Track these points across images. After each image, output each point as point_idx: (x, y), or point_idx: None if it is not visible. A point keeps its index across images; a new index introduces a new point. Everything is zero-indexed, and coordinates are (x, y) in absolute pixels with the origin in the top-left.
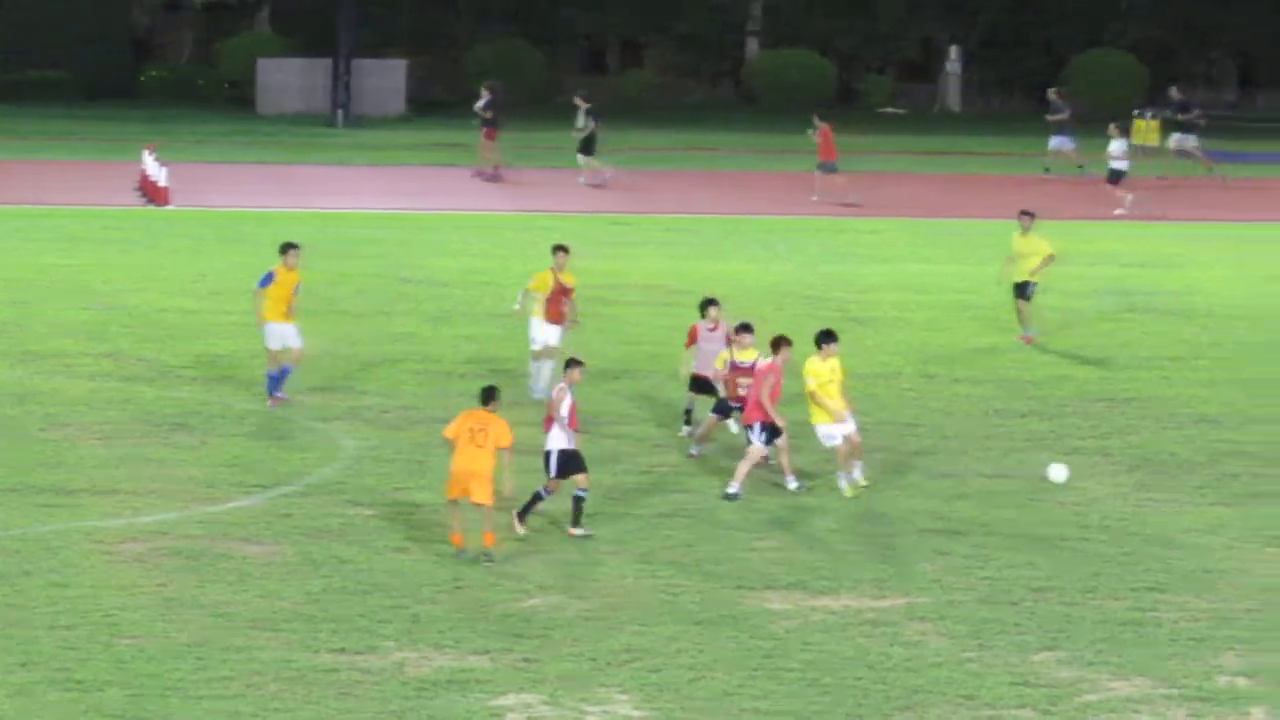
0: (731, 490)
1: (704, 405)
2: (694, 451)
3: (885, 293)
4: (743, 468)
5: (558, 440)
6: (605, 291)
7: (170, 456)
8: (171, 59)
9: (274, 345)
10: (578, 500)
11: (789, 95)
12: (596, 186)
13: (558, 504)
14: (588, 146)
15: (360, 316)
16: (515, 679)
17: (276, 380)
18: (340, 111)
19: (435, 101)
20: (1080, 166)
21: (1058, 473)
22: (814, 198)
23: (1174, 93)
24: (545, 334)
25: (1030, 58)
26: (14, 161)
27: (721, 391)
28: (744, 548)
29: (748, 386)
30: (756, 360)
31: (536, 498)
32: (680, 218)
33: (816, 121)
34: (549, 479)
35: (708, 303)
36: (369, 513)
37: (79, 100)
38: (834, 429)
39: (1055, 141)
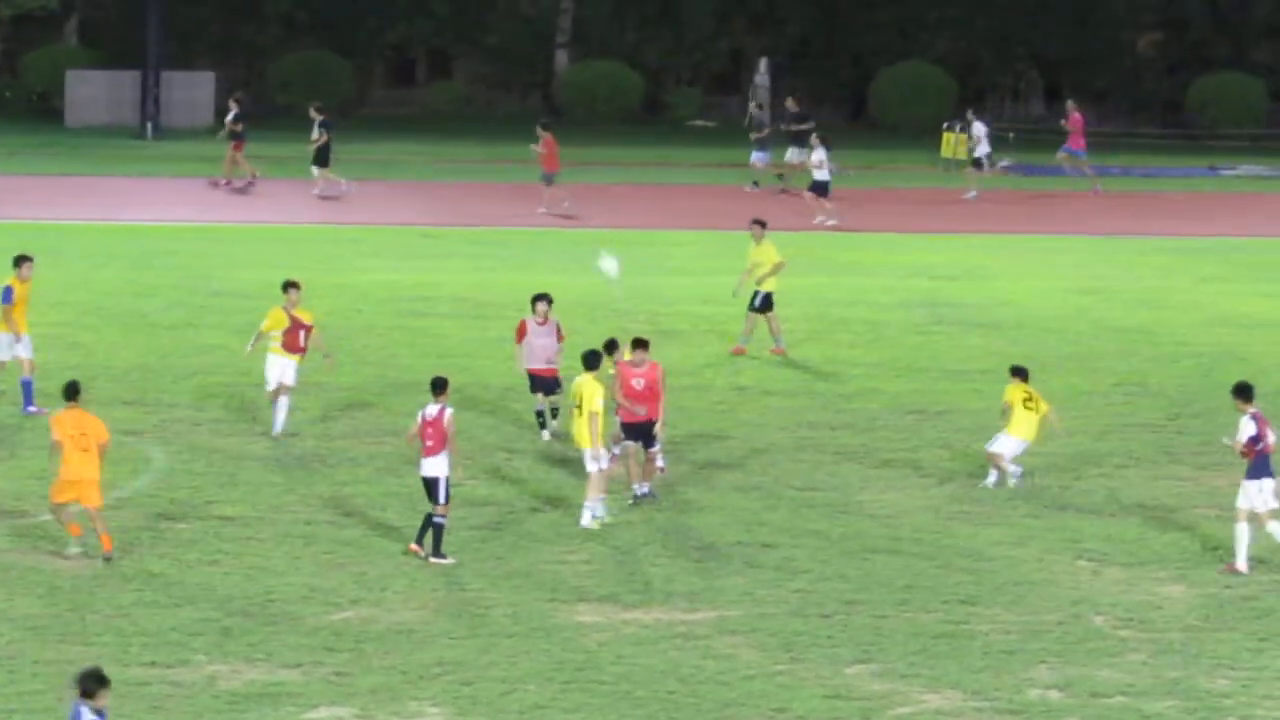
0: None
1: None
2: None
3: (692, 304)
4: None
5: None
6: (416, 304)
7: None
8: None
9: (4, 356)
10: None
11: (596, 107)
12: (329, 198)
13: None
14: (321, 158)
15: (170, 329)
16: (327, 692)
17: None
18: (149, 124)
19: (242, 113)
20: (779, 176)
21: (609, 265)
22: (540, 209)
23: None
24: (280, 372)
25: (841, 69)
26: None
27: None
28: (555, 560)
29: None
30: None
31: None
32: (489, 230)
33: (540, 132)
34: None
35: (537, 298)
36: (180, 526)
37: None
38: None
39: (790, 154)
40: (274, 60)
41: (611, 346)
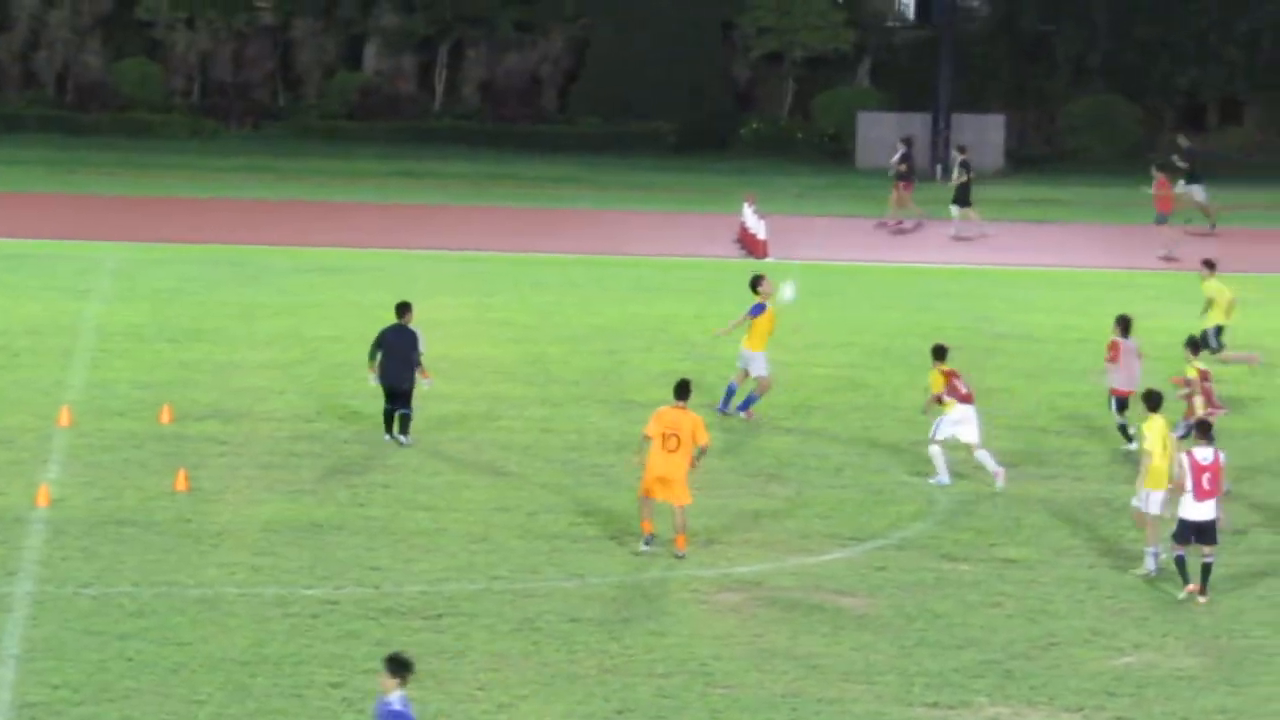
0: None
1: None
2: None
3: None
4: None
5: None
6: None
7: (765, 507)
8: (769, 112)
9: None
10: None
11: None
12: (964, 239)
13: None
14: (963, 197)
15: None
16: None
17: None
18: (939, 166)
19: (1032, 157)
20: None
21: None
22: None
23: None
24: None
25: None
26: (605, 211)
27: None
28: None
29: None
30: None
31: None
32: (1274, 276)
33: (1154, 173)
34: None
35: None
36: (963, 567)
37: (671, 153)
38: None
39: None
40: (1064, 103)
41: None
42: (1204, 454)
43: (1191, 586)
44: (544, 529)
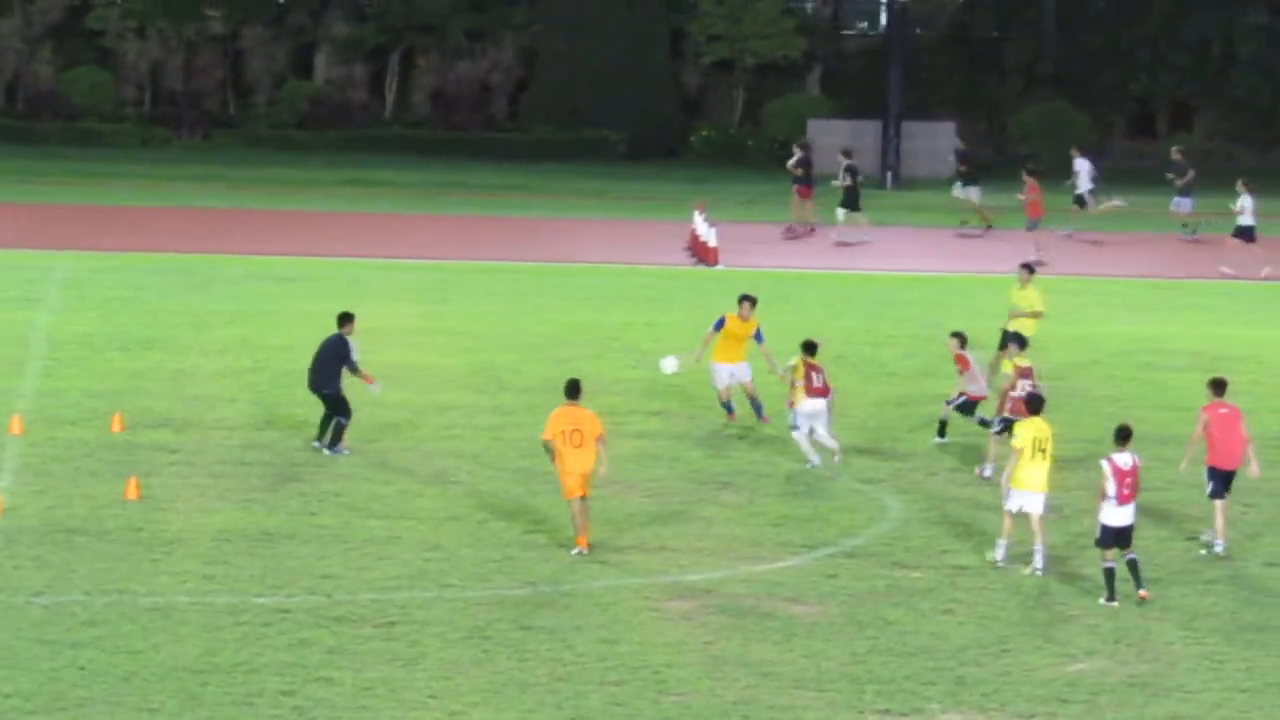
0: None
1: None
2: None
3: None
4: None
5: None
6: (1152, 356)
7: (717, 515)
8: (719, 119)
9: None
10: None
11: None
12: (843, 245)
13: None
14: (850, 202)
15: (907, 378)
16: None
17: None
18: (889, 173)
19: (982, 164)
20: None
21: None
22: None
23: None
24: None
25: None
26: (556, 220)
27: None
28: None
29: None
30: None
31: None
32: (1227, 284)
33: (1025, 178)
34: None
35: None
36: (915, 575)
37: (623, 160)
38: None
39: None
40: (1014, 111)
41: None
42: (1123, 459)
43: (1115, 602)
44: (495, 537)
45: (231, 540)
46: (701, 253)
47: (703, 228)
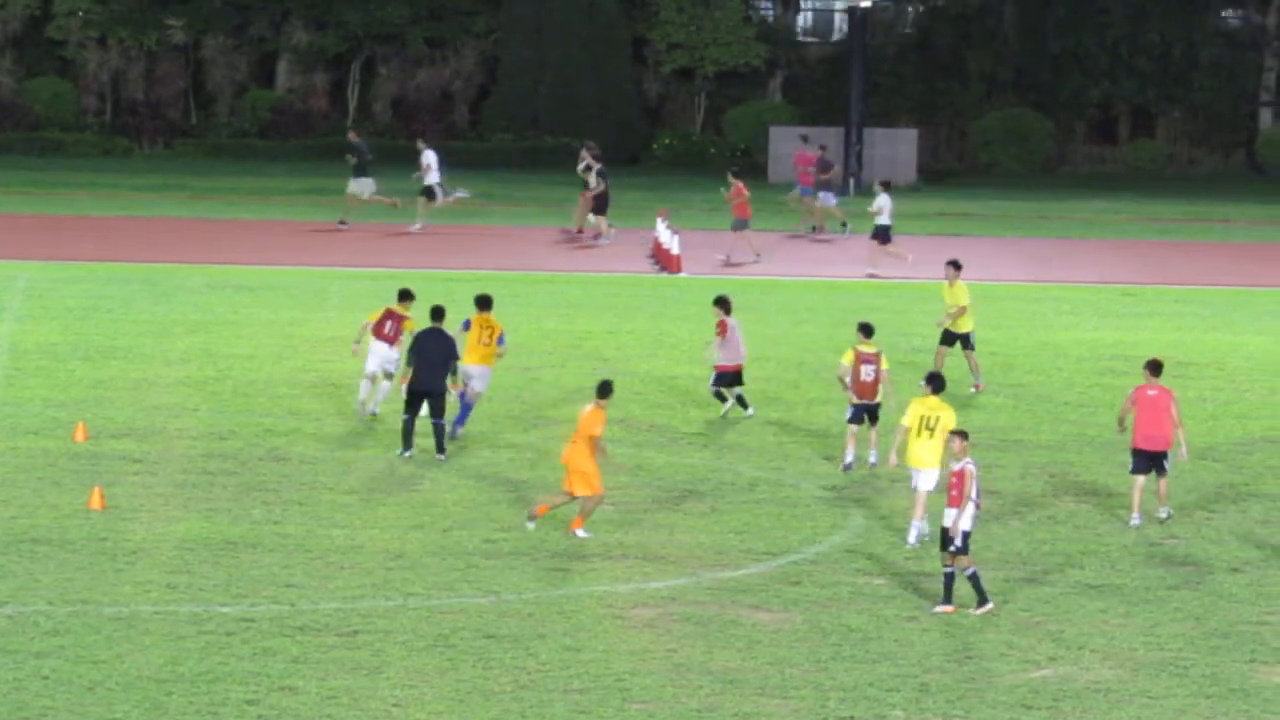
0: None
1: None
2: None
3: None
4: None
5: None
6: (1115, 362)
7: (680, 522)
8: (681, 127)
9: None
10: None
11: None
12: (587, 247)
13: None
14: (599, 206)
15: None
16: None
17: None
18: (852, 180)
19: (945, 170)
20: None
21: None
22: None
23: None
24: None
25: None
26: (517, 227)
27: None
28: (1255, 620)
29: None
30: None
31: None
32: (1190, 289)
33: (730, 179)
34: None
35: None
36: (878, 581)
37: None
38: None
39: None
40: (976, 118)
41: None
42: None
43: (948, 607)
44: (459, 546)
45: (195, 549)
46: (664, 260)
47: (665, 235)
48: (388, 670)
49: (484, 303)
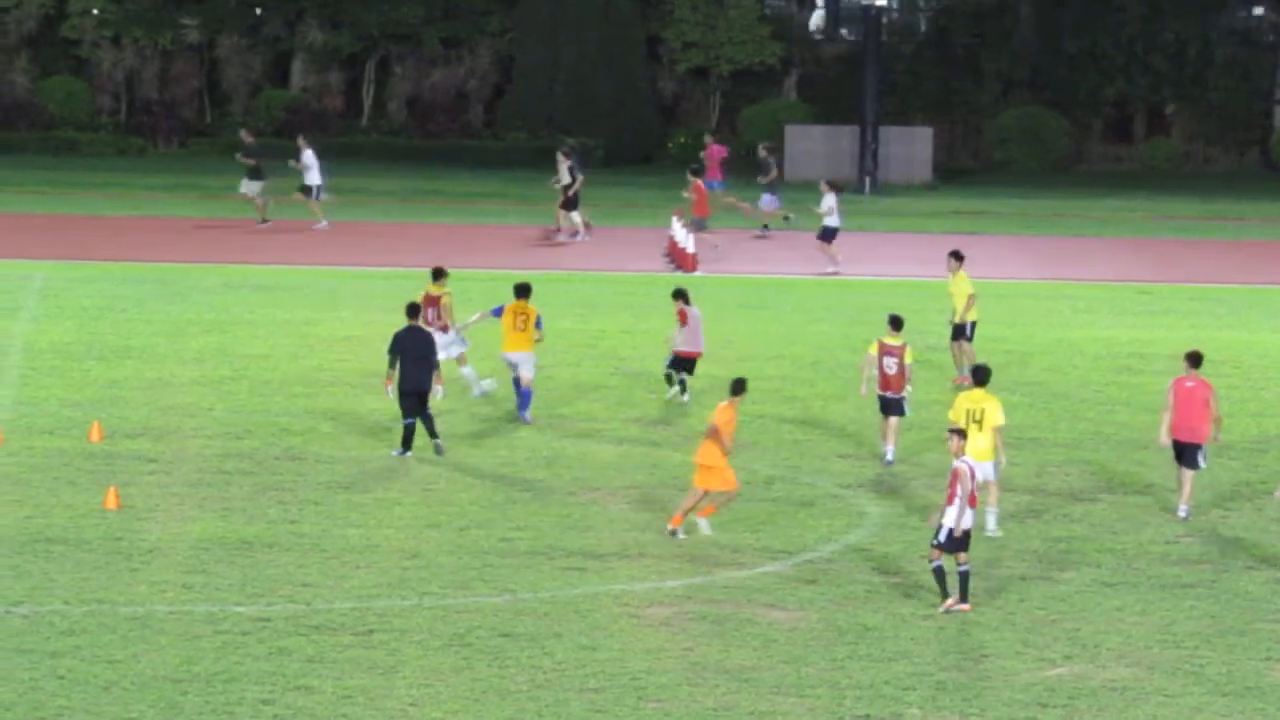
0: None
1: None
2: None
3: None
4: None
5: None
6: (1131, 360)
7: (696, 521)
8: (696, 125)
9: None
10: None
11: None
12: (560, 244)
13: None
14: (571, 202)
15: None
16: None
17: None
18: (867, 179)
19: (961, 169)
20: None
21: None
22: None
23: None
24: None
25: None
26: (532, 227)
27: None
28: (1272, 619)
29: None
30: None
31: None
32: (1206, 287)
33: (689, 178)
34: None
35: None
36: (894, 580)
37: (600, 167)
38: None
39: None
40: (991, 117)
41: None
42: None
43: (951, 600)
44: (475, 545)
45: (210, 549)
46: (679, 259)
47: (681, 234)
48: (403, 669)
49: (522, 290)
